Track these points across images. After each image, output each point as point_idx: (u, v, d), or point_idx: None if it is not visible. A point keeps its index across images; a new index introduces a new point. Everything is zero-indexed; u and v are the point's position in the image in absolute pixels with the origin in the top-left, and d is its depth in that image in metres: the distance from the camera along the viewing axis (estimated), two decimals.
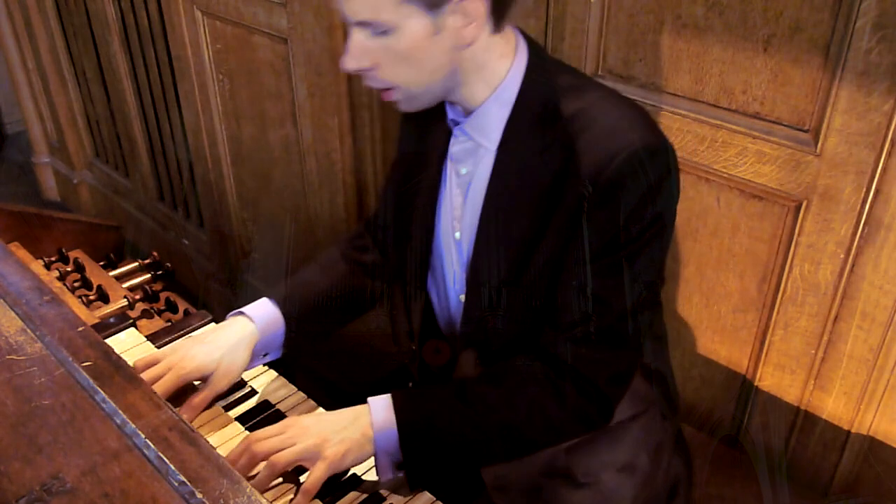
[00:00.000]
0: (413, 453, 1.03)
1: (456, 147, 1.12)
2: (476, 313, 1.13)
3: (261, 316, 1.20)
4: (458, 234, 1.15)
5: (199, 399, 1.14)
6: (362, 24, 0.97)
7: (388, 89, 1.03)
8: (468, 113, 1.08)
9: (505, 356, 1.11)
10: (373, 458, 1.05)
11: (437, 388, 1.10)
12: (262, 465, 1.01)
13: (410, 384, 1.34)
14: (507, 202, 1.06)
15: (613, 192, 0.97)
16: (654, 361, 1.22)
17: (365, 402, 1.06)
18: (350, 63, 1.00)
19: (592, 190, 0.97)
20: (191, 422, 1.11)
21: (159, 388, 1.11)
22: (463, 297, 1.17)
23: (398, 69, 1.00)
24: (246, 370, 1.20)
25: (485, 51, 1.01)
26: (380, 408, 1.04)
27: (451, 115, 1.11)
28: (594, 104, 1.01)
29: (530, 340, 1.09)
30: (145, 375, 1.13)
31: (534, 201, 1.03)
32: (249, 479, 1.00)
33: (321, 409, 1.19)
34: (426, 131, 1.17)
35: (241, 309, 1.21)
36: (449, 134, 1.13)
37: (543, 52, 1.08)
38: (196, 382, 1.17)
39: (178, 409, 1.13)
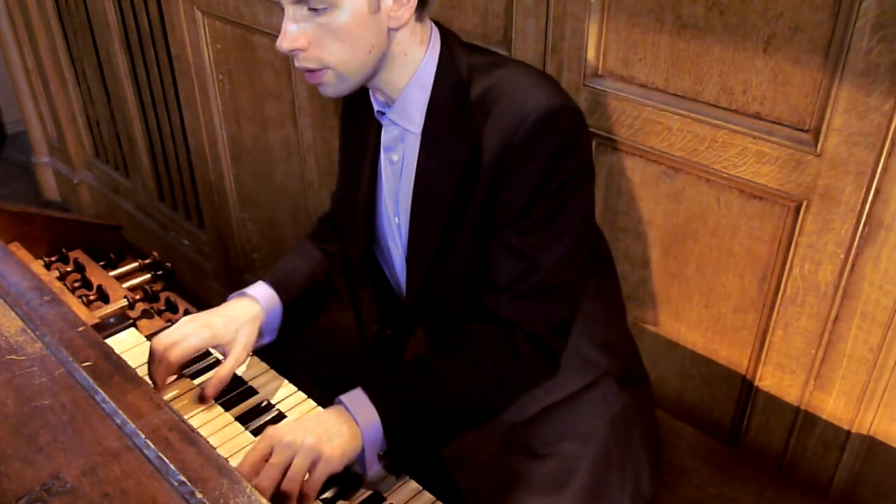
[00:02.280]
0: (398, 440, 1.04)
1: (386, 136, 1.17)
2: (416, 288, 1.18)
3: (263, 297, 1.22)
4: (396, 220, 1.20)
5: (225, 371, 1.15)
6: (301, 1, 0.99)
7: (317, 71, 1.04)
8: (391, 102, 1.13)
9: (453, 327, 1.14)
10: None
11: (403, 371, 1.11)
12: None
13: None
14: (435, 181, 1.11)
15: (526, 153, 1.03)
16: (608, 332, 1.25)
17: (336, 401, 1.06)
18: (286, 43, 1.01)
19: (507, 154, 1.03)
20: (216, 390, 1.15)
21: (177, 351, 1.12)
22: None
23: (333, 48, 1.02)
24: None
25: (409, 36, 1.07)
26: (357, 404, 1.03)
27: (377, 107, 1.16)
28: (504, 77, 1.07)
29: (474, 307, 1.13)
30: (162, 341, 1.13)
31: (457, 175, 1.08)
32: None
33: (319, 408, 1.19)
34: (361, 127, 1.23)
35: (244, 291, 1.22)
36: (379, 126, 1.18)
37: (455, 37, 1.13)
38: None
39: (205, 382, 1.16)
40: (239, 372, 1.25)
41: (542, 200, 1.05)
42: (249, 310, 1.19)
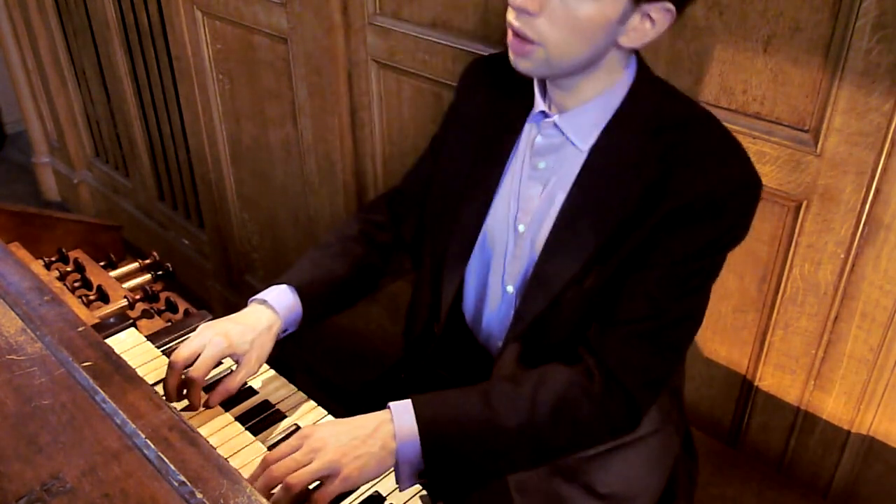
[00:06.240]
0: (436, 462, 1.00)
1: (541, 141, 1.10)
2: (532, 310, 1.11)
3: (283, 305, 1.19)
4: (521, 227, 1.13)
5: (235, 382, 1.13)
6: None
7: (529, 43, 0.97)
8: (562, 109, 1.07)
9: (550, 357, 1.08)
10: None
11: (459, 391, 1.06)
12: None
13: (403, 375, 1.33)
14: (592, 205, 1.05)
15: (716, 213, 0.99)
16: (678, 377, 1.23)
17: (385, 406, 1.02)
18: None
19: (696, 204, 0.99)
20: (220, 398, 1.13)
21: (200, 366, 1.09)
22: (511, 289, 1.15)
23: (559, 31, 0.95)
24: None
25: (624, 57, 1.03)
26: (403, 415, 1.00)
27: (540, 107, 1.09)
28: (699, 127, 1.03)
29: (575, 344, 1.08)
30: (181, 353, 1.11)
31: (620, 209, 1.03)
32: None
33: (322, 410, 1.19)
34: (502, 116, 1.15)
35: (263, 297, 1.19)
36: (521, 123, 1.12)
37: (651, 71, 1.08)
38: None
39: (211, 392, 1.13)
40: (249, 381, 1.24)
41: (701, 260, 1.03)
42: (265, 320, 1.16)
